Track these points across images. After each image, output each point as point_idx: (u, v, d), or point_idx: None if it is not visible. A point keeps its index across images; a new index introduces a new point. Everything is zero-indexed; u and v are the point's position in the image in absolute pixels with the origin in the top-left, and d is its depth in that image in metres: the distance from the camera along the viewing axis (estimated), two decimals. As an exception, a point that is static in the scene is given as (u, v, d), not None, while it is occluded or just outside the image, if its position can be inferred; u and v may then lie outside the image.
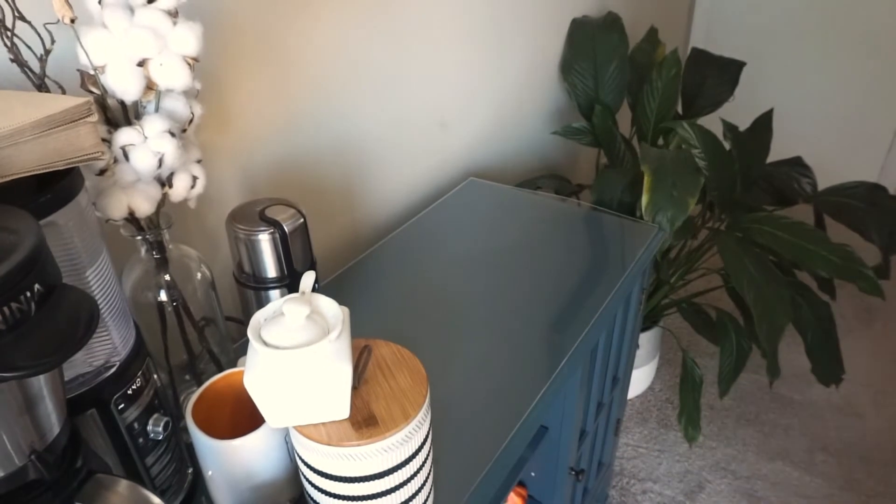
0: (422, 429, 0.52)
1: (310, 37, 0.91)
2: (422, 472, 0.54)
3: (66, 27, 0.48)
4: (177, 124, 0.56)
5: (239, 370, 0.60)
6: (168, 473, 0.58)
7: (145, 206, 0.55)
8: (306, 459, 0.51)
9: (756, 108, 1.52)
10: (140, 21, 0.50)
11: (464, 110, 1.33)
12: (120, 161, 0.53)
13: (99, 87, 0.52)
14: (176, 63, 0.52)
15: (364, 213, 1.14)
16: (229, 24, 0.80)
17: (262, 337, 0.50)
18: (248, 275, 0.73)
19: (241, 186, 0.88)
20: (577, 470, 1.02)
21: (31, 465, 0.38)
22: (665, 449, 1.71)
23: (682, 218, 1.15)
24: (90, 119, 0.44)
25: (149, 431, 0.54)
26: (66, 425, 0.42)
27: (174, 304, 0.64)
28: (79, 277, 0.46)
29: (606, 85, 1.62)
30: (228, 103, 0.83)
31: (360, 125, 1.06)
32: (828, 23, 2.28)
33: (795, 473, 1.62)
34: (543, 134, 1.68)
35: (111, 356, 0.51)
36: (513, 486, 0.87)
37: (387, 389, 0.53)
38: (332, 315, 0.52)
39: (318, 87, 0.96)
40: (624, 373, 1.21)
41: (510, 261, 1.01)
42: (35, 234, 0.35)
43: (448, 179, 1.34)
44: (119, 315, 0.51)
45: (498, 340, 0.85)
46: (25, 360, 0.32)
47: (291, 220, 0.71)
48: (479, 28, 1.29)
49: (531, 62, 1.53)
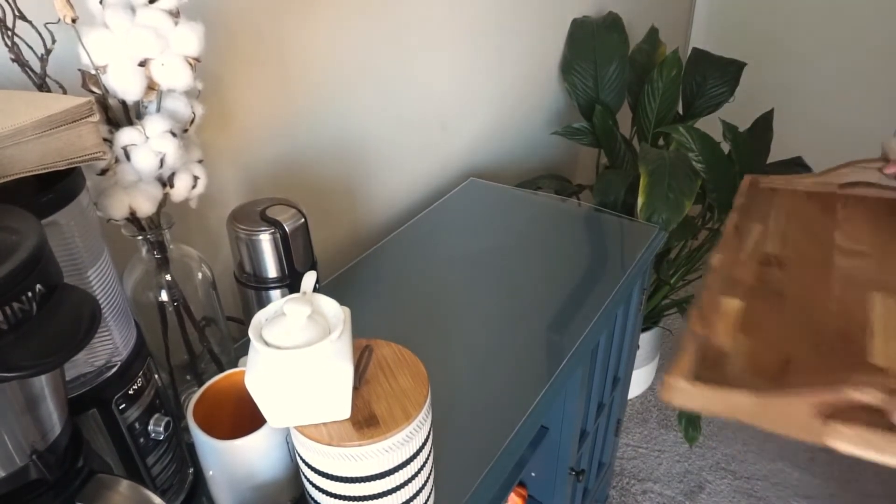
0: (423, 429, 0.52)
1: (311, 37, 0.91)
2: (423, 473, 0.54)
3: (67, 27, 0.48)
4: (178, 124, 0.56)
5: (240, 370, 0.61)
6: (169, 473, 0.58)
7: (146, 206, 0.55)
8: (307, 459, 0.51)
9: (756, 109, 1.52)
10: (141, 21, 0.50)
11: (464, 110, 1.33)
12: (121, 161, 0.53)
13: (100, 86, 0.52)
14: (177, 63, 0.52)
15: (365, 213, 1.14)
16: (231, 24, 0.80)
17: (264, 337, 0.50)
18: (249, 275, 0.73)
19: (242, 186, 0.88)
20: (577, 470, 1.02)
21: (32, 464, 0.38)
22: (665, 449, 1.71)
23: (677, 220, 1.16)
24: (91, 119, 0.44)
25: (150, 431, 0.54)
26: (67, 425, 0.42)
27: (175, 303, 0.64)
28: (80, 277, 0.46)
29: (606, 85, 1.62)
30: (230, 104, 0.83)
31: (361, 125, 1.06)
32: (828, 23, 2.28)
33: (795, 473, 1.62)
34: (543, 134, 1.68)
35: (112, 356, 0.51)
36: (513, 486, 0.87)
37: (388, 389, 0.53)
38: (333, 315, 0.52)
39: (318, 88, 0.96)
40: (624, 373, 1.21)
41: (510, 261, 1.01)
42: (37, 233, 0.34)
43: (448, 179, 1.34)
44: (120, 315, 0.51)
45: (498, 340, 0.85)
46: (27, 361, 0.32)
47: (292, 220, 0.71)
48: (480, 28, 1.29)
49: (531, 62, 1.53)
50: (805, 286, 0.74)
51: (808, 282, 0.74)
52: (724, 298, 0.72)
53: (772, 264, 0.79)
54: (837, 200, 0.88)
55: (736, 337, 0.67)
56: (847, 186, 0.88)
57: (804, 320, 0.68)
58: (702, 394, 0.59)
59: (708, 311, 0.70)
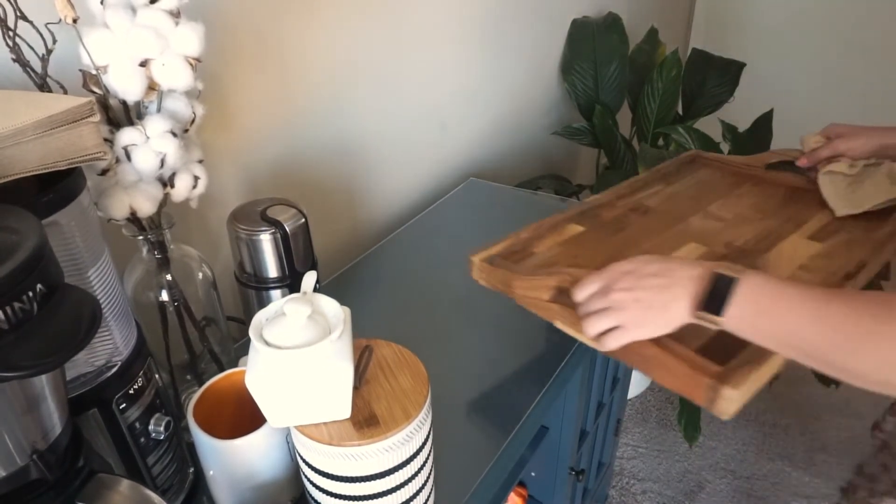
0: (423, 429, 0.52)
1: (311, 37, 0.91)
2: (423, 472, 0.54)
3: (68, 27, 0.48)
4: (178, 124, 0.56)
5: (240, 370, 0.61)
6: (169, 473, 0.58)
7: (147, 206, 0.55)
8: (307, 459, 0.51)
9: (756, 109, 1.51)
10: (142, 21, 0.50)
11: (464, 110, 1.33)
12: (122, 161, 0.53)
13: (101, 87, 0.52)
14: (178, 63, 0.52)
15: (365, 213, 1.14)
16: (231, 24, 0.80)
17: (264, 337, 0.50)
18: (250, 275, 0.73)
19: (243, 186, 0.89)
20: (577, 470, 1.02)
21: (32, 464, 0.38)
22: (665, 449, 1.71)
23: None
24: (92, 119, 0.44)
25: (150, 431, 0.54)
26: (67, 425, 0.42)
27: (175, 303, 0.64)
28: (81, 277, 0.46)
29: (606, 85, 1.62)
30: (230, 104, 0.83)
31: (361, 125, 1.06)
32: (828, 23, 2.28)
33: (795, 473, 1.62)
34: (543, 134, 1.68)
35: (113, 356, 0.51)
36: (513, 486, 0.87)
37: (388, 389, 0.53)
38: (333, 315, 0.52)
39: (319, 88, 0.96)
40: (624, 373, 1.21)
41: (511, 261, 1.01)
42: (37, 234, 0.35)
43: (448, 179, 1.34)
44: (121, 315, 0.51)
45: (499, 340, 0.85)
46: (27, 360, 0.32)
47: (293, 220, 0.71)
48: (480, 28, 1.29)
49: (531, 62, 1.53)
50: (645, 229, 0.83)
51: (652, 226, 0.83)
52: (571, 224, 0.84)
53: (638, 211, 0.87)
54: (751, 180, 0.95)
55: (552, 248, 0.80)
56: (774, 168, 0.95)
57: (616, 248, 0.79)
58: (488, 271, 0.75)
59: (546, 227, 0.83)
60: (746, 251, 0.76)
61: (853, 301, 0.48)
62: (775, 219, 0.83)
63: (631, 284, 0.57)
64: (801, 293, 0.51)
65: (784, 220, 0.82)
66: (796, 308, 0.50)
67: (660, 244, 0.79)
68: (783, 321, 0.51)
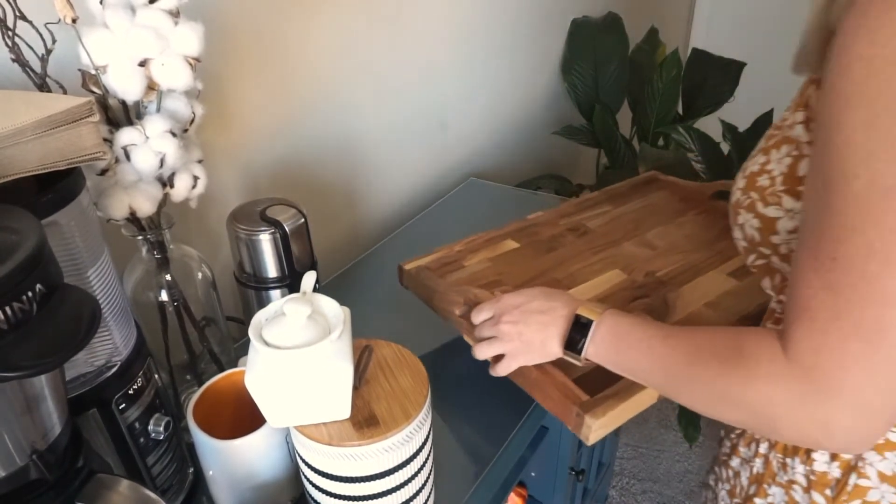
0: (423, 429, 0.52)
1: (310, 37, 0.91)
2: (422, 472, 0.54)
3: (67, 27, 0.48)
4: (178, 124, 0.56)
5: (240, 370, 0.61)
6: (169, 473, 0.58)
7: (146, 206, 0.55)
8: (307, 459, 0.51)
9: (756, 109, 1.51)
10: (142, 21, 0.50)
11: (464, 110, 1.33)
12: (121, 161, 0.53)
13: (100, 86, 0.52)
14: (177, 63, 0.52)
15: (365, 213, 1.14)
16: (231, 24, 0.80)
17: (264, 337, 0.50)
18: (249, 275, 0.73)
19: (242, 186, 0.88)
20: (577, 470, 1.02)
21: (32, 464, 0.38)
22: (665, 449, 1.71)
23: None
24: (92, 119, 0.44)
25: (150, 431, 0.54)
26: (67, 425, 0.42)
27: (175, 303, 0.64)
28: (80, 277, 0.46)
29: (606, 85, 1.62)
30: (230, 103, 0.83)
31: (361, 125, 1.06)
32: (828, 23, 2.28)
33: (795, 474, 1.62)
34: (543, 134, 1.68)
35: (112, 356, 0.51)
36: (513, 486, 0.87)
37: (388, 389, 0.53)
38: (333, 315, 0.52)
39: (318, 88, 0.96)
40: (624, 373, 1.20)
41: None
42: (37, 234, 0.34)
43: (448, 179, 1.34)
44: (120, 315, 0.51)
45: (498, 340, 0.85)
46: (27, 360, 0.32)
47: (292, 220, 0.71)
48: (480, 28, 1.29)
49: (531, 62, 1.53)
50: (577, 250, 0.85)
51: (583, 249, 0.86)
52: (507, 240, 0.87)
53: (577, 232, 0.89)
54: (696, 208, 0.95)
55: (482, 262, 0.83)
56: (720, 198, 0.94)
57: (544, 268, 0.82)
58: (416, 277, 0.79)
59: (482, 241, 0.87)
60: (665, 282, 0.78)
61: (688, 340, 0.50)
62: (705, 251, 0.84)
63: (517, 318, 0.62)
64: (646, 332, 0.53)
65: (713, 254, 0.83)
66: (635, 346, 0.54)
67: (584, 269, 0.81)
68: (627, 359, 0.55)
